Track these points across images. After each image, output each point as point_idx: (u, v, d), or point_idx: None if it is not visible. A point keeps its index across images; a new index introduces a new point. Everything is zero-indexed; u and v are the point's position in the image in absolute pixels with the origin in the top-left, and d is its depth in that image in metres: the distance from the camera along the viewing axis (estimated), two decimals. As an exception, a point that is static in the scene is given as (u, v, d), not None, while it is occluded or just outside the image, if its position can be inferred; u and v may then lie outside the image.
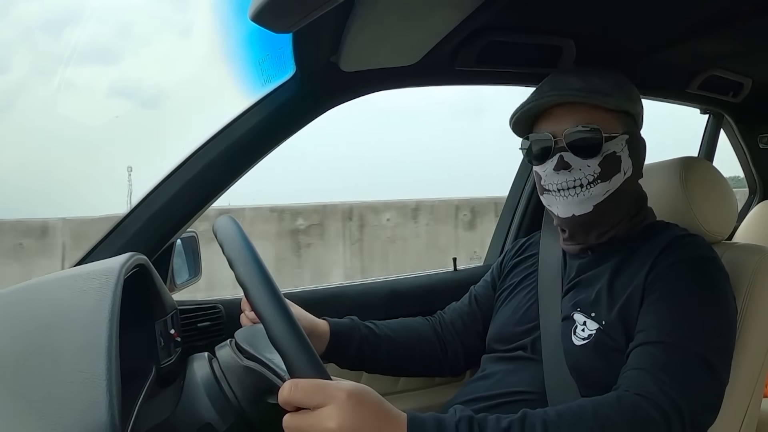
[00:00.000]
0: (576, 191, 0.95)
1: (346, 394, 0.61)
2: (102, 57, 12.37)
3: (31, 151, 5.90)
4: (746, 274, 1.00)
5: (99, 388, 0.56)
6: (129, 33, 11.50)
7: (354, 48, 1.06)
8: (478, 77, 1.37)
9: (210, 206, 1.17)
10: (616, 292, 0.92)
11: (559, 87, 0.98)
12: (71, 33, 5.94)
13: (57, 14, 23.85)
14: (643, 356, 0.81)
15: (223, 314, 1.25)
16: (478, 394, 0.99)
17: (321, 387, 0.60)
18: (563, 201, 0.97)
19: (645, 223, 1.02)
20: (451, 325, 1.19)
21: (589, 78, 0.98)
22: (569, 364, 0.93)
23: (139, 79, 13.64)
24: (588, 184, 0.95)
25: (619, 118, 0.97)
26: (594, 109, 0.95)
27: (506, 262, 1.20)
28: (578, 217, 0.97)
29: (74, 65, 7.45)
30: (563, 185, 0.96)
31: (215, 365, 0.82)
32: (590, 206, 0.96)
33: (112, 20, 7.86)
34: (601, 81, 0.97)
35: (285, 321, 0.62)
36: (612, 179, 0.96)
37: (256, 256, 0.67)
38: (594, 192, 0.95)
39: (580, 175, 0.95)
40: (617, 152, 0.96)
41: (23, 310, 0.69)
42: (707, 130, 2.15)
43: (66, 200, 6.29)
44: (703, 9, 1.17)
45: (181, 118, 7.01)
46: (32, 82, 9.86)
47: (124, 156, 5.97)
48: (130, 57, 16.43)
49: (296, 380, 0.60)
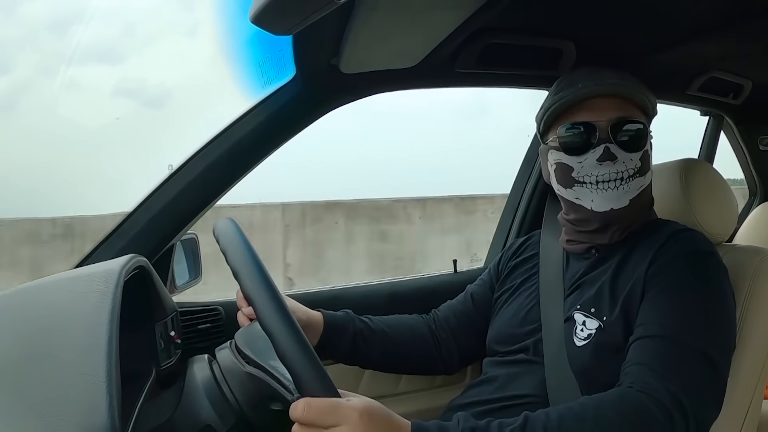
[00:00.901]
0: (617, 183, 0.94)
1: (359, 414, 0.63)
2: (107, 57, 12.17)
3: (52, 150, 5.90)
4: (747, 275, 1.00)
5: (99, 390, 0.56)
6: (134, 32, 11.30)
7: (354, 50, 1.06)
8: (478, 79, 1.37)
9: (210, 208, 1.17)
10: (617, 288, 0.92)
11: (600, 79, 0.96)
12: (76, 32, 5.92)
13: (63, 14, 23.72)
14: (644, 351, 0.81)
15: (223, 316, 1.24)
16: (480, 398, 0.99)
17: (334, 407, 0.62)
18: (601, 194, 0.95)
19: (648, 220, 1.02)
20: (445, 322, 1.19)
21: (624, 75, 0.97)
22: (572, 366, 0.92)
23: (143, 79, 13.52)
24: (629, 177, 0.94)
25: (644, 114, 0.99)
26: (628, 104, 0.95)
27: (504, 262, 1.20)
28: (616, 210, 0.95)
29: (78, 64, 7.42)
30: (605, 177, 0.94)
31: (215, 367, 0.82)
32: (627, 200, 0.95)
33: (117, 20, 7.81)
34: (632, 79, 0.98)
35: (294, 338, 0.63)
36: (646, 175, 0.97)
37: (262, 268, 0.67)
38: (632, 186, 0.95)
39: (623, 168, 0.94)
40: (648, 149, 0.97)
41: (23, 312, 0.69)
42: (707, 131, 2.15)
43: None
44: (703, 11, 1.17)
45: (187, 118, 7.05)
46: (37, 82, 9.81)
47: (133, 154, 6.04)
48: (135, 56, 16.26)
49: (309, 399, 0.62)
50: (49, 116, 5.30)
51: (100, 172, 6.68)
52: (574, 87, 0.97)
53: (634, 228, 0.99)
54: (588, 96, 0.95)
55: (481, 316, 1.16)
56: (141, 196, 1.12)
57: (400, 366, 1.18)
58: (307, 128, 1.20)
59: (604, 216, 0.96)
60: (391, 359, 1.13)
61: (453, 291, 1.39)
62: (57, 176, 6.69)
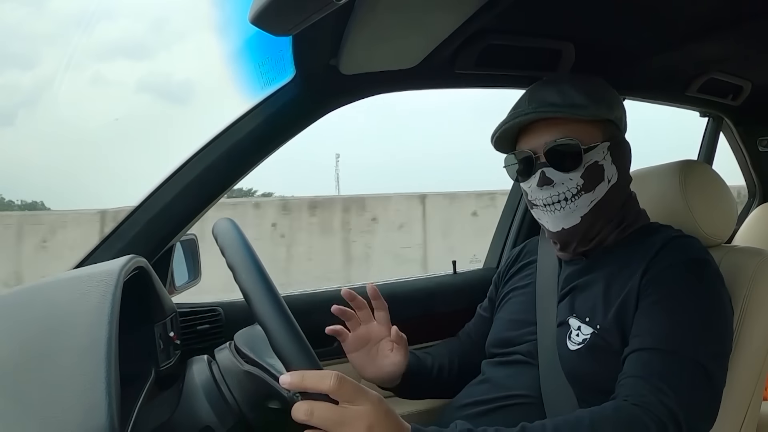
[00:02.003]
0: (561, 205, 0.96)
1: (378, 400, 0.64)
2: (132, 52, 12.15)
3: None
4: (745, 277, 1.00)
5: (98, 391, 0.56)
6: (162, 28, 11.34)
7: (353, 51, 1.06)
8: (477, 80, 1.37)
9: (209, 209, 1.17)
10: (610, 297, 0.92)
11: (535, 103, 0.98)
12: (103, 28, 5.96)
13: (91, 10, 23.56)
14: (639, 363, 0.81)
15: (223, 317, 1.24)
16: (476, 397, 0.99)
17: (355, 396, 0.63)
18: (551, 215, 0.97)
19: (636, 225, 1.01)
20: (470, 346, 1.19)
21: (565, 90, 0.97)
22: (565, 369, 0.93)
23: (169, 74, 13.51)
24: (572, 197, 0.95)
25: (598, 126, 0.97)
26: (572, 122, 0.95)
27: (504, 272, 1.21)
28: (568, 230, 0.97)
29: (106, 60, 7.60)
30: (548, 200, 0.97)
31: (214, 368, 0.82)
32: (578, 218, 0.96)
33: (146, 16, 7.83)
34: (577, 92, 0.96)
35: (289, 332, 0.63)
36: (596, 189, 0.96)
37: (259, 264, 0.67)
38: (579, 204, 0.95)
39: (563, 189, 0.95)
40: (599, 161, 0.95)
41: (23, 313, 0.69)
42: (706, 133, 2.15)
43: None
44: (702, 12, 1.17)
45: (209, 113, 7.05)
46: (62, 77, 9.81)
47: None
48: (163, 52, 16.32)
49: (313, 403, 0.62)
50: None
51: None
52: (514, 111, 1.00)
53: (612, 234, 0.99)
54: (526, 122, 0.98)
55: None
56: (140, 196, 1.12)
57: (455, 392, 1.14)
58: (307, 129, 1.20)
59: (559, 235, 0.99)
60: (452, 390, 1.11)
61: (452, 292, 1.39)
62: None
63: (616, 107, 1.00)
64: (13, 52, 6.70)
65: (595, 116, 0.95)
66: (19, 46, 7.01)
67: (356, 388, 0.63)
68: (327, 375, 0.62)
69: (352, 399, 0.62)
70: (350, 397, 0.62)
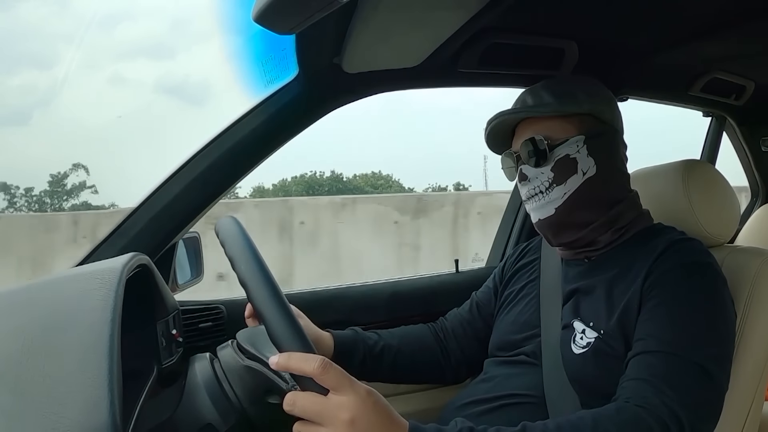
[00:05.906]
0: (538, 198, 1.00)
1: (365, 393, 0.63)
2: (153, 53, 12.19)
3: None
4: (748, 277, 0.99)
5: (100, 388, 0.56)
6: (184, 30, 11.36)
7: (357, 49, 1.06)
8: (480, 79, 1.37)
9: (212, 206, 1.17)
10: (614, 300, 0.92)
11: (517, 105, 1.04)
12: (123, 29, 5.89)
13: (110, 12, 23.38)
14: (642, 366, 0.81)
15: (225, 315, 1.25)
16: (478, 396, 0.99)
17: (341, 388, 0.63)
18: (532, 209, 1.03)
19: (638, 228, 1.00)
20: (452, 332, 1.19)
21: (537, 91, 1.03)
22: (568, 372, 0.92)
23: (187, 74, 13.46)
24: (546, 189, 0.99)
25: (571, 121, 0.99)
26: (546, 120, 1.00)
27: (507, 267, 1.21)
28: (543, 220, 1.01)
29: (126, 60, 7.61)
30: (527, 195, 1.02)
31: (217, 366, 0.82)
32: (552, 209, 0.99)
33: (166, 17, 7.80)
34: (547, 92, 1.01)
35: (286, 321, 0.63)
36: (568, 181, 0.98)
37: (258, 256, 0.68)
38: (552, 196, 0.99)
39: (537, 183, 1.00)
40: (571, 154, 0.97)
41: (25, 310, 0.69)
42: (709, 132, 2.15)
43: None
44: (705, 11, 1.17)
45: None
46: (80, 77, 9.75)
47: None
48: (183, 53, 16.34)
49: (306, 394, 0.62)
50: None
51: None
52: (498, 114, 1.04)
53: (605, 232, 0.98)
54: (509, 124, 1.04)
55: (486, 325, 1.17)
56: (143, 194, 1.13)
57: (409, 379, 1.18)
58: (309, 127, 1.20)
59: (539, 226, 1.03)
60: (401, 374, 1.13)
61: (454, 291, 1.39)
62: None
63: (593, 101, 1.01)
64: (31, 52, 6.61)
65: (559, 112, 0.99)
66: (38, 45, 6.95)
67: (341, 376, 0.62)
68: (312, 358, 0.62)
69: (337, 387, 0.62)
70: (335, 385, 0.62)
